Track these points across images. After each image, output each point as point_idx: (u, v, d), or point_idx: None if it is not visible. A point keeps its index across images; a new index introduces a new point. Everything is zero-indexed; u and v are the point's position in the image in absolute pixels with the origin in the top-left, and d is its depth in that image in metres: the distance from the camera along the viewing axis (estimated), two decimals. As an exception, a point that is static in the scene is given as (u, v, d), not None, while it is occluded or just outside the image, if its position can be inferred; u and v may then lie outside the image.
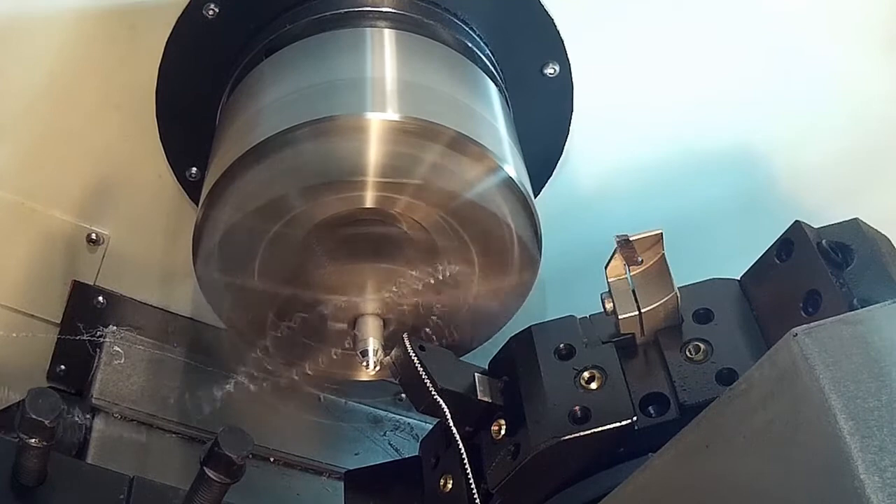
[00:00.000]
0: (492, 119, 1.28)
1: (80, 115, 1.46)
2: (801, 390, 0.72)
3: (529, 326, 1.19)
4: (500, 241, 1.21)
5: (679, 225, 1.32)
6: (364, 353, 1.23)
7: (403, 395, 1.61)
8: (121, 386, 1.56)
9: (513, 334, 1.21)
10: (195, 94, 1.40)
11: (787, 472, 0.72)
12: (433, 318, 1.29)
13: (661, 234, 1.10)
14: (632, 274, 1.12)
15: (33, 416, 0.98)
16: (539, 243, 1.24)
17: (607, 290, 1.12)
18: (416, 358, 1.15)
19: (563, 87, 1.45)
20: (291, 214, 1.18)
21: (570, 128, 1.49)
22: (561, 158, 1.52)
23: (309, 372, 1.37)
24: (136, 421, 1.56)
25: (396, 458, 1.28)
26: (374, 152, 1.15)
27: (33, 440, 0.99)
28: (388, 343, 1.24)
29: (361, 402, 1.73)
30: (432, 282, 1.25)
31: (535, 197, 1.32)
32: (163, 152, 1.48)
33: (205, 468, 1.01)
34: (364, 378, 1.37)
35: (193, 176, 1.46)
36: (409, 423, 1.73)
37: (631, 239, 1.10)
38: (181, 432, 1.57)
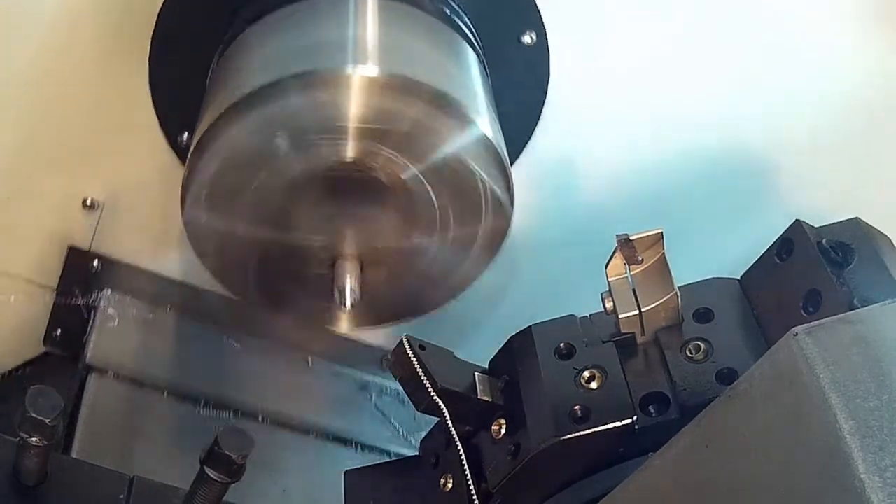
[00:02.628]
0: (469, 80, 1.36)
1: (74, 83, 1.51)
2: (801, 390, 0.72)
3: (529, 326, 1.19)
4: (473, 195, 1.29)
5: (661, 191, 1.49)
6: (341, 291, 1.31)
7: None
8: (115, 347, 1.63)
9: (512, 334, 1.21)
10: (187, 62, 1.46)
11: (787, 472, 0.72)
12: (407, 265, 1.38)
13: (662, 233, 1.10)
14: (632, 273, 1.12)
15: (34, 415, 0.98)
16: (511, 198, 1.32)
17: (607, 289, 1.12)
18: (415, 357, 1.15)
19: (540, 55, 1.51)
20: (274, 165, 1.26)
21: (548, 94, 1.56)
22: (538, 124, 1.58)
23: (289, 317, 1.49)
24: (130, 379, 1.62)
25: (396, 459, 1.29)
26: (354, 105, 1.23)
27: (34, 439, 0.99)
28: (364, 285, 1.33)
29: (348, 367, 1.80)
30: (408, 229, 1.32)
31: (513, 162, 1.45)
32: (156, 119, 1.53)
33: (205, 468, 1.01)
34: (342, 326, 1.48)
35: (184, 142, 1.52)
36: (395, 389, 1.80)
37: (631, 238, 1.10)
38: (173, 390, 1.64)
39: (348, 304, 1.31)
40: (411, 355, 1.15)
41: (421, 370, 1.14)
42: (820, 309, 1.01)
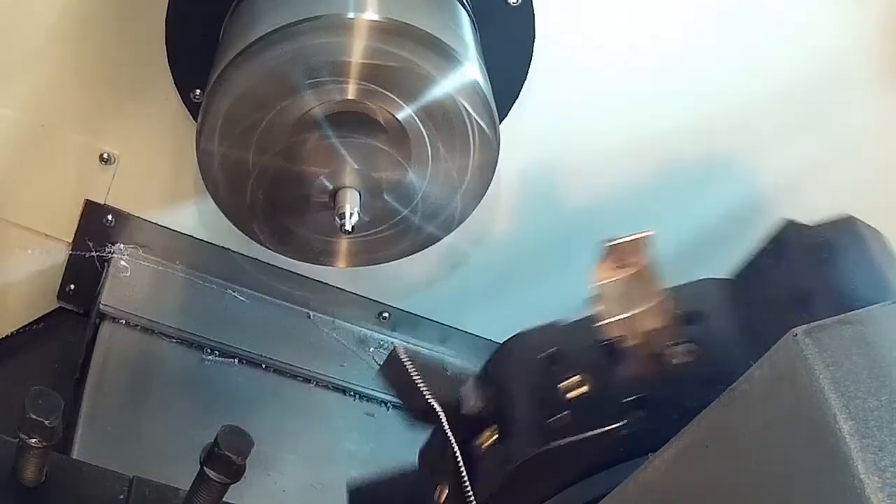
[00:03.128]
0: (460, 31, 1.46)
1: (91, 40, 1.56)
2: (800, 390, 0.72)
3: (519, 332, 1.19)
4: (462, 133, 1.40)
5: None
6: (342, 216, 1.41)
7: (387, 315, 1.95)
8: (127, 296, 1.75)
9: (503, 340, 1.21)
10: (201, 21, 1.53)
11: (786, 472, 0.72)
12: (404, 199, 1.48)
13: (649, 236, 1.09)
14: (619, 277, 1.11)
15: (33, 417, 0.98)
16: (497, 136, 1.42)
17: (595, 293, 1.12)
18: (410, 362, 1.16)
19: (526, 16, 1.60)
20: (284, 102, 1.36)
21: (534, 53, 1.63)
22: (525, 83, 1.66)
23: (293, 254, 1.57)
24: (140, 327, 1.75)
25: (398, 471, 1.29)
26: (356, 47, 1.34)
27: (33, 440, 0.99)
28: (362, 211, 1.44)
29: (348, 321, 1.95)
30: (403, 164, 1.44)
31: (502, 120, 1.56)
32: (170, 76, 1.59)
33: (205, 468, 1.01)
34: (341, 263, 1.57)
35: (197, 97, 1.59)
36: (392, 342, 1.96)
37: (618, 242, 1.09)
38: (181, 338, 1.78)
39: (348, 226, 1.41)
40: (406, 360, 1.16)
41: (416, 374, 1.14)
42: (810, 308, 1.01)
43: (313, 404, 1.84)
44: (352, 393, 1.88)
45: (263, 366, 1.82)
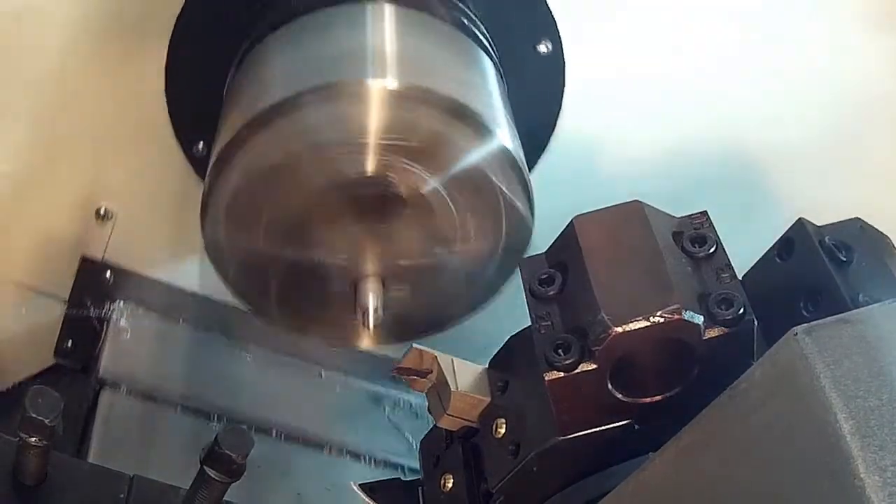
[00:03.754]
0: (488, 91, 1.34)
1: (89, 92, 1.52)
2: (801, 390, 0.72)
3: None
4: (493, 208, 1.28)
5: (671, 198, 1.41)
6: (365, 312, 1.29)
7: (401, 371, 1.84)
8: (127, 360, 1.65)
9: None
10: (203, 71, 1.45)
11: (786, 471, 0.72)
12: (430, 280, 1.36)
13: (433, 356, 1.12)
14: (432, 384, 1.14)
15: (34, 416, 0.98)
16: (531, 211, 1.30)
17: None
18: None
19: (556, 64, 1.52)
20: (295, 180, 1.24)
21: (563, 103, 1.57)
22: (554, 132, 1.59)
23: (311, 336, 1.49)
24: (143, 395, 1.64)
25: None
26: (373, 117, 1.21)
27: (34, 439, 0.99)
28: (387, 304, 1.32)
29: (361, 379, 1.82)
30: (429, 244, 1.32)
31: (531, 170, 1.40)
32: (171, 128, 1.53)
33: (205, 467, 1.01)
34: (364, 344, 1.44)
35: (200, 151, 1.52)
36: (408, 401, 1.84)
37: (402, 366, 1.12)
38: (186, 405, 1.66)
39: (372, 325, 1.30)
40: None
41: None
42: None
43: (328, 472, 1.72)
44: (367, 458, 1.76)
45: (274, 433, 1.70)
